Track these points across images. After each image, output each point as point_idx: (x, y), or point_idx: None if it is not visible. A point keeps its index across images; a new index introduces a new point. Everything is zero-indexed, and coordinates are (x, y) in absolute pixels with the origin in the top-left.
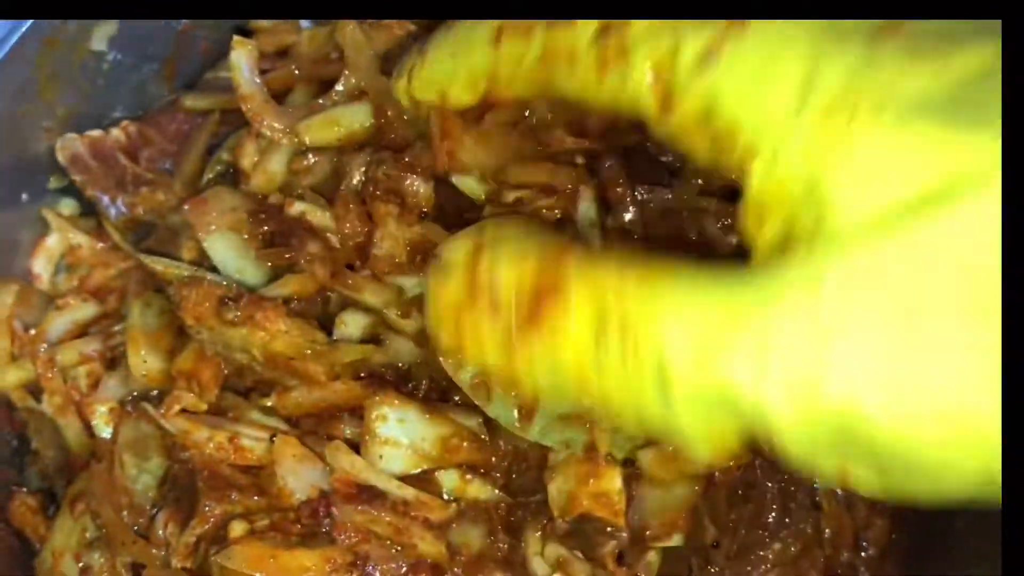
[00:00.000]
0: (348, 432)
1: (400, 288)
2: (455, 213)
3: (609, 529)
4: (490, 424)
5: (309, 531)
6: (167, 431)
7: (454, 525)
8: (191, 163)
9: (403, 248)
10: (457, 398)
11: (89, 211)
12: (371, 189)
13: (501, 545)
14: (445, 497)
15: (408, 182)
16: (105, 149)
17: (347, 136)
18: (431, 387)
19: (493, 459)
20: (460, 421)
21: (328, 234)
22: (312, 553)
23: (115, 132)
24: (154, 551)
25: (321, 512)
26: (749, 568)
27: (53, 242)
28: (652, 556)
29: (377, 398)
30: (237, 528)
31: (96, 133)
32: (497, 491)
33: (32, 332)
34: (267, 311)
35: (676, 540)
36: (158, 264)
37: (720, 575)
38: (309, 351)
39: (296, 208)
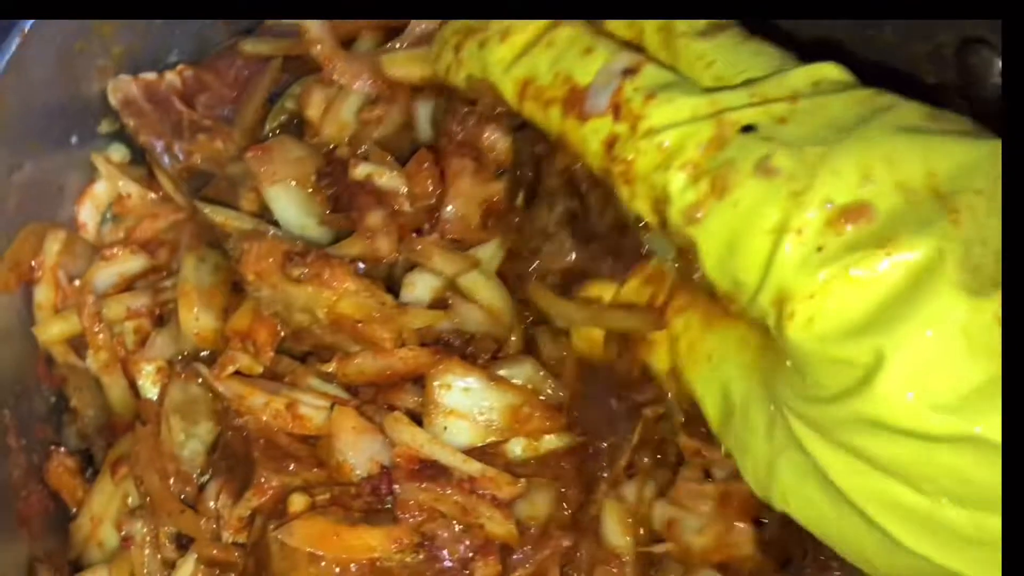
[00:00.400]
0: (410, 402)
1: (473, 258)
2: (534, 169)
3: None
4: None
5: (370, 507)
6: (219, 395)
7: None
8: (251, 111)
9: (476, 209)
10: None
11: (140, 159)
12: (444, 142)
13: (566, 509)
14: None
15: (485, 135)
16: (160, 93)
17: (430, 76)
18: (495, 357)
19: (565, 422)
20: (529, 386)
21: (396, 197)
22: (377, 531)
23: (170, 76)
24: (203, 523)
25: (383, 489)
26: None
27: (101, 189)
28: None
29: (441, 366)
30: (298, 502)
31: (151, 76)
32: (570, 436)
33: (76, 283)
34: (335, 269)
35: None
36: (217, 215)
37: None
38: (377, 314)
39: (361, 170)
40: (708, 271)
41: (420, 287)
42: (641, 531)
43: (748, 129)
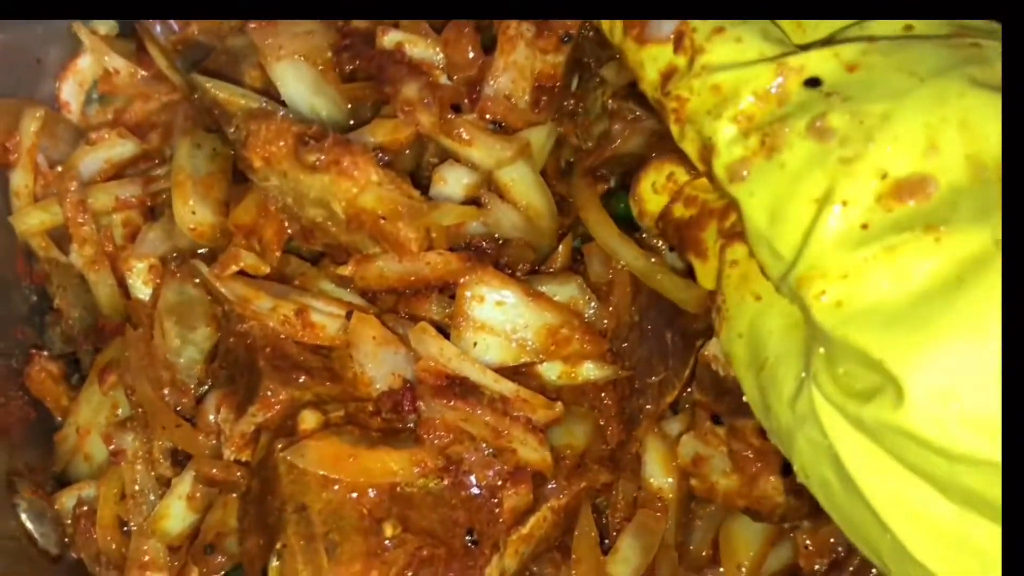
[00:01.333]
0: (434, 313)
1: (521, 142)
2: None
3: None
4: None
5: (390, 427)
6: (218, 297)
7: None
8: None
9: (527, 84)
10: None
11: (128, 32)
12: None
13: (605, 444)
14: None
15: None
16: None
17: None
18: (535, 271)
19: (609, 348)
20: (569, 303)
21: (431, 68)
22: (398, 454)
23: None
24: (201, 438)
25: (406, 406)
26: None
27: (85, 64)
28: None
29: (475, 275)
30: (309, 419)
31: None
32: (612, 368)
33: (59, 169)
34: (357, 157)
35: None
36: (221, 91)
37: None
38: (403, 209)
39: (391, 38)
40: (748, 235)
41: (452, 181)
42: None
43: (813, 83)
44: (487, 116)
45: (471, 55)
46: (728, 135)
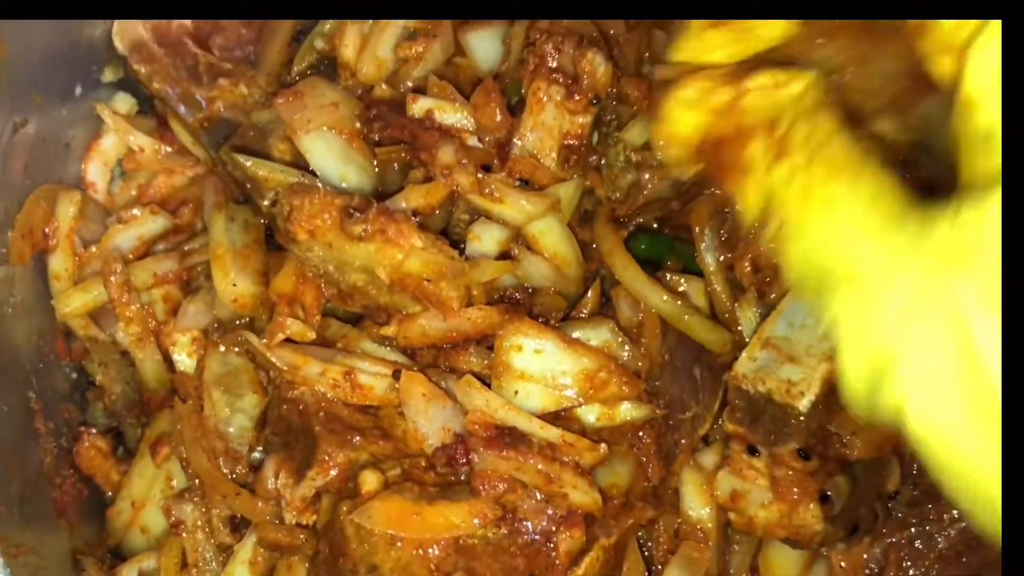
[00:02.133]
0: (474, 365)
1: (551, 198)
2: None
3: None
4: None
5: (444, 480)
6: (262, 364)
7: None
8: (276, 51)
9: (556, 142)
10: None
11: (147, 108)
12: (532, 66)
13: (647, 481)
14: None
15: (587, 57)
16: (171, 35)
17: None
18: (567, 317)
19: (644, 388)
20: (606, 350)
21: (462, 132)
22: (458, 507)
23: None
24: (260, 504)
25: (460, 459)
26: (931, 513)
27: (109, 144)
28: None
29: (512, 326)
30: (371, 480)
31: None
32: (649, 407)
33: (93, 249)
34: (400, 225)
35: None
36: (260, 168)
37: (904, 521)
38: (446, 269)
39: (421, 105)
40: None
41: (486, 238)
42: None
43: None
44: (516, 175)
45: (499, 118)
46: None
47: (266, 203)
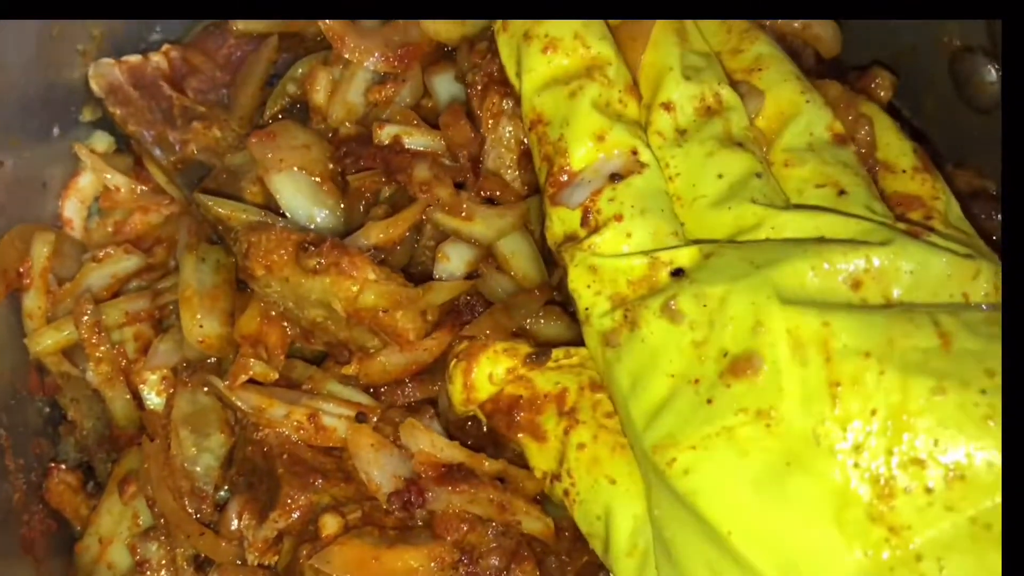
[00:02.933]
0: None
1: (520, 209)
2: None
3: None
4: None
5: (403, 524)
6: (229, 404)
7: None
8: (249, 95)
9: (515, 153)
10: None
11: (124, 147)
12: (478, 85)
13: None
14: None
15: None
16: (146, 77)
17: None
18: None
19: None
20: None
21: (428, 155)
22: (417, 551)
23: (156, 58)
24: (224, 545)
25: (415, 501)
26: None
27: (86, 182)
28: None
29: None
30: (331, 524)
31: (135, 59)
32: None
33: (67, 286)
34: (354, 258)
35: None
36: (222, 207)
37: None
38: (400, 298)
39: (388, 131)
40: (613, 396)
41: (455, 257)
42: None
43: (677, 273)
44: (485, 192)
45: (471, 134)
46: (600, 309)
47: (233, 244)
